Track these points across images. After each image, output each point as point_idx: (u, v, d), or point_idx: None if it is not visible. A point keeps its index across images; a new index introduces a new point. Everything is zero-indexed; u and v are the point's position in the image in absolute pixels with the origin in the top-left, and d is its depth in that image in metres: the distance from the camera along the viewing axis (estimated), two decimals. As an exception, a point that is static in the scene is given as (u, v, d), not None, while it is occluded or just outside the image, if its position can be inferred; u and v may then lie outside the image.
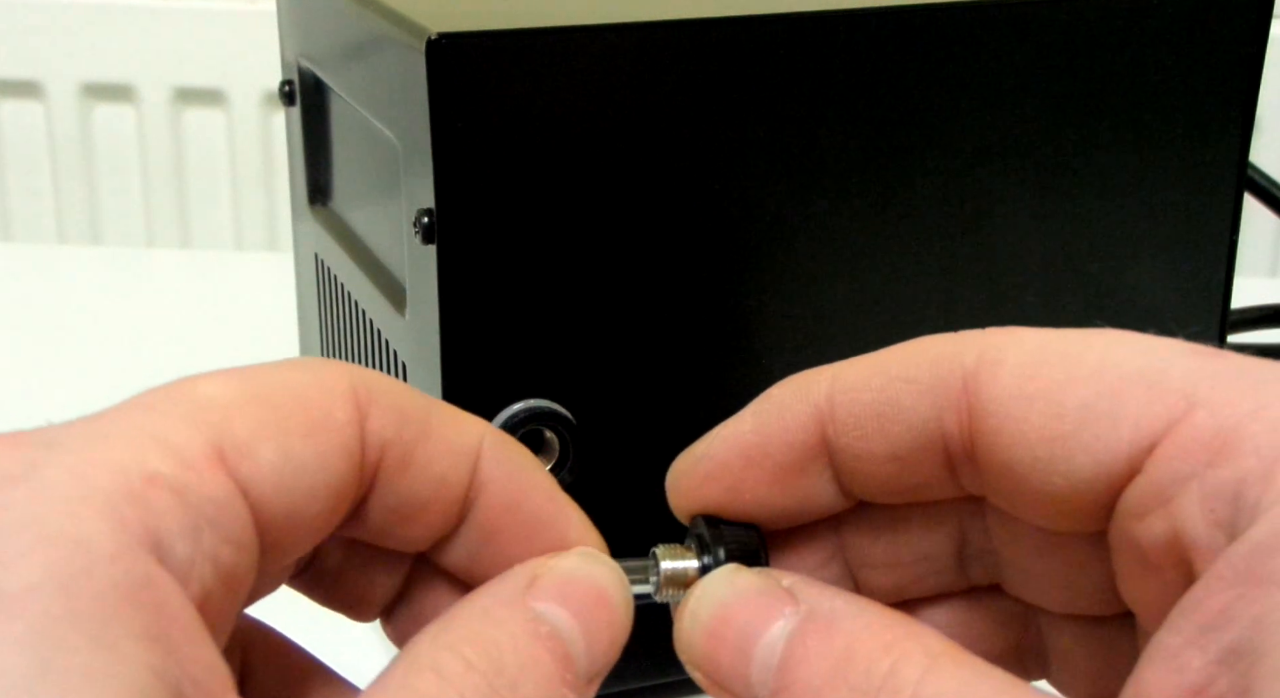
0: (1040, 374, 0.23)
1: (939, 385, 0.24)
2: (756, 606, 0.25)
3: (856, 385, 0.25)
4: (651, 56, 0.37)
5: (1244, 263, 0.46)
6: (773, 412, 0.26)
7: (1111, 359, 0.23)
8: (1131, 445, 0.22)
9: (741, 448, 0.27)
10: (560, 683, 0.24)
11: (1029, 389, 0.23)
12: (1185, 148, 0.43)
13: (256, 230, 1.30)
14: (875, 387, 0.25)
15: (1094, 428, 0.22)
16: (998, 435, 0.23)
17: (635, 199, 0.38)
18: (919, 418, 0.25)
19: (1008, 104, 0.40)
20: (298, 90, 0.50)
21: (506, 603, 0.25)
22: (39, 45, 1.25)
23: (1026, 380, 0.23)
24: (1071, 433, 0.23)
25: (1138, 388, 0.22)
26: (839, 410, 0.25)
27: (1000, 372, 0.24)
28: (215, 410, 0.23)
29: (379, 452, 0.25)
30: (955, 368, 0.24)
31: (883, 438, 0.25)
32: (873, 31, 0.39)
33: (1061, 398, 0.23)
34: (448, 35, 0.35)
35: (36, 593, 0.19)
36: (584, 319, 0.38)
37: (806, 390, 0.26)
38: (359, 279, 0.45)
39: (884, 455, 0.25)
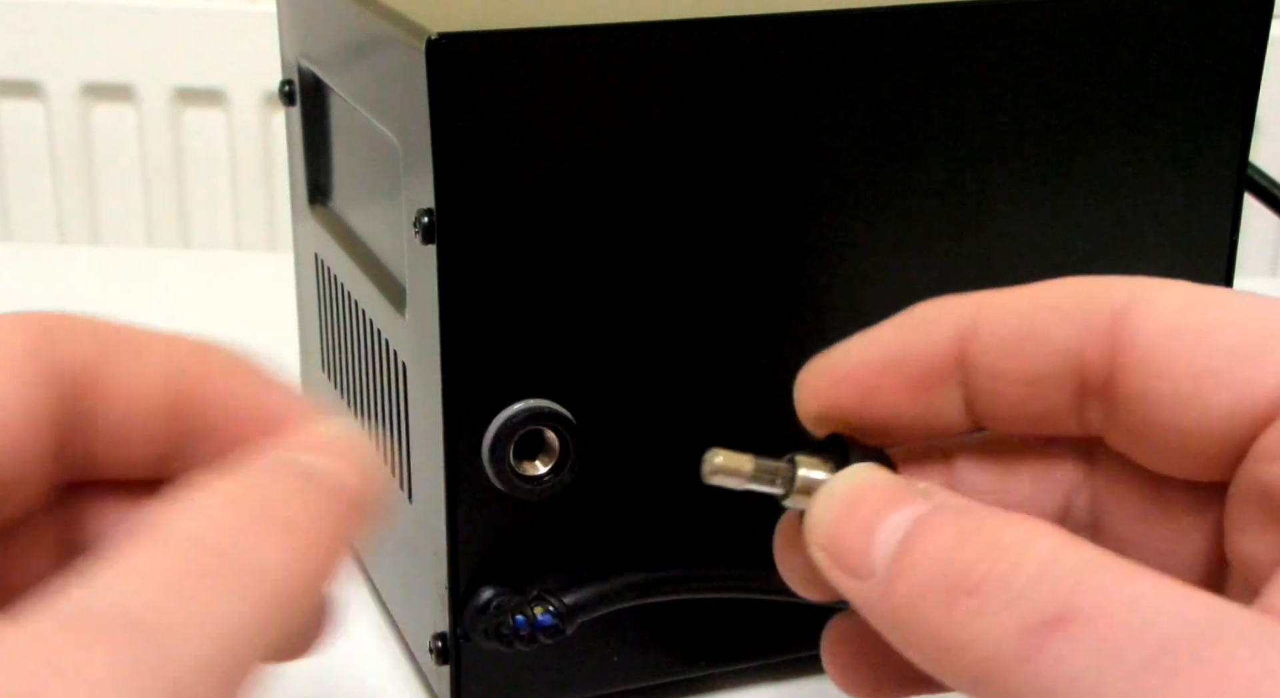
0: (1193, 313, 0.24)
1: (1087, 316, 0.25)
2: (891, 492, 0.25)
3: (1004, 308, 0.27)
4: (652, 56, 0.37)
5: (1244, 263, 0.46)
6: (915, 324, 0.28)
7: (1262, 309, 0.24)
8: (1276, 388, 0.23)
9: (881, 354, 0.28)
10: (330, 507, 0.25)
11: (1180, 326, 0.24)
12: (1185, 148, 0.43)
13: (256, 230, 1.30)
14: (1023, 310, 0.26)
15: (1240, 369, 0.23)
16: (1141, 367, 0.24)
17: (635, 199, 0.38)
18: (1062, 343, 0.26)
19: (1008, 103, 0.40)
20: (298, 90, 0.50)
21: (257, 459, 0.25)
22: (39, 45, 1.25)
23: (1178, 318, 0.24)
24: (1217, 370, 0.24)
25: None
26: (983, 329, 0.26)
27: (1153, 309, 0.25)
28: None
29: (70, 376, 0.26)
30: (1104, 303, 0.25)
31: (1023, 359, 0.26)
32: (873, 31, 0.39)
33: (1211, 338, 0.24)
34: (448, 35, 0.35)
35: None
36: (584, 319, 0.38)
37: (952, 308, 0.27)
38: (359, 279, 0.45)
39: (1020, 377, 0.26)
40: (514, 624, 0.38)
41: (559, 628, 0.38)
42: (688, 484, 0.40)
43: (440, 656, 0.40)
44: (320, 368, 0.52)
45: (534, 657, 0.40)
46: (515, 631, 0.38)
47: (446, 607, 0.39)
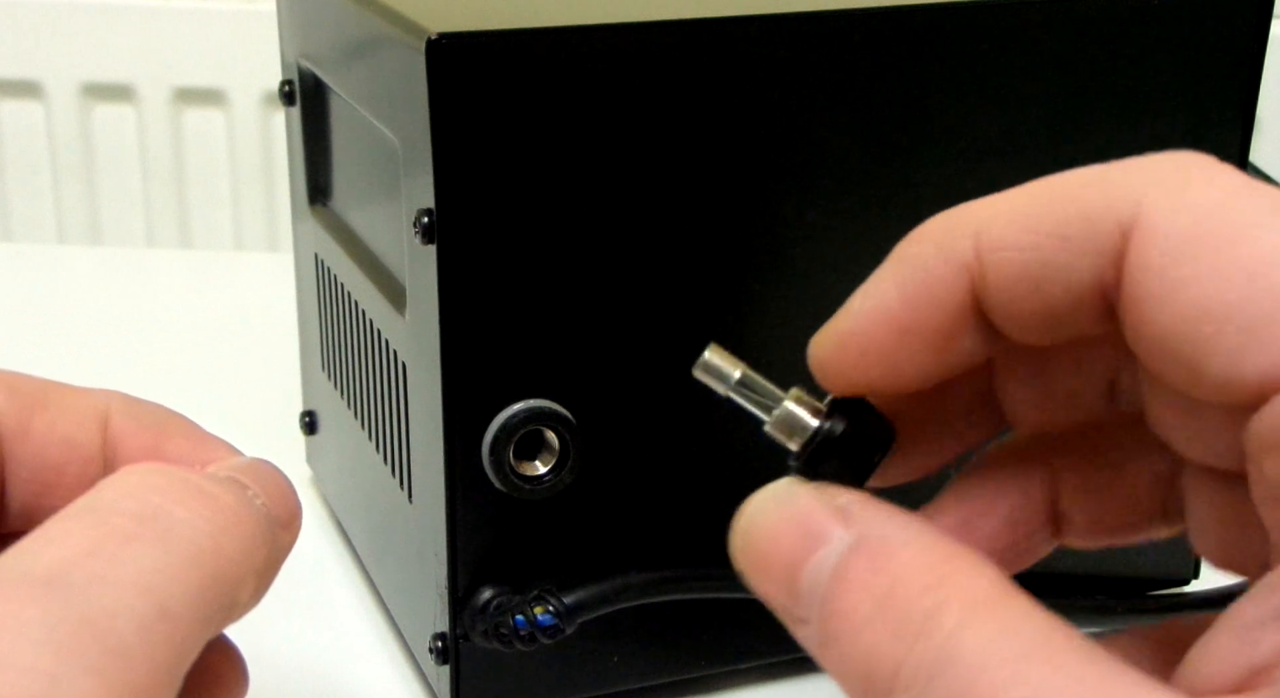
0: (1193, 258, 0.21)
1: (1096, 244, 0.23)
2: (807, 527, 0.24)
3: (1006, 243, 0.24)
4: (652, 56, 0.37)
5: (1244, 263, 0.46)
6: (916, 276, 0.25)
7: (1272, 261, 0.21)
8: (1265, 373, 0.21)
9: (891, 322, 0.25)
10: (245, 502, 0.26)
11: (1177, 274, 0.21)
12: (1185, 148, 0.43)
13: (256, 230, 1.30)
14: (1026, 245, 0.24)
15: (1230, 342, 0.21)
16: (1138, 310, 0.22)
17: (635, 199, 0.38)
18: (1076, 277, 0.23)
19: (1008, 104, 0.40)
20: (298, 90, 0.50)
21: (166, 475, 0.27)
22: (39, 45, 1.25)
23: (1176, 263, 0.21)
24: (1208, 338, 0.21)
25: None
26: (989, 271, 0.24)
27: (1150, 244, 0.22)
28: None
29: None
30: (1112, 225, 0.22)
31: (1038, 297, 0.24)
32: (873, 31, 0.39)
33: (1206, 296, 0.21)
34: (448, 35, 0.35)
35: None
36: (584, 319, 0.38)
37: (950, 249, 0.25)
38: (359, 279, 0.45)
39: (1039, 313, 0.24)
40: (514, 624, 0.38)
41: (559, 628, 0.38)
42: (688, 484, 0.40)
43: (440, 656, 0.40)
44: (320, 368, 0.52)
45: (534, 657, 0.40)
46: (515, 631, 0.38)
47: (446, 607, 0.39)
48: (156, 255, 1.06)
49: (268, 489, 0.28)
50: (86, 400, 0.29)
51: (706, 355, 0.27)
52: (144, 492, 0.25)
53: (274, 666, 0.43)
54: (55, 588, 0.22)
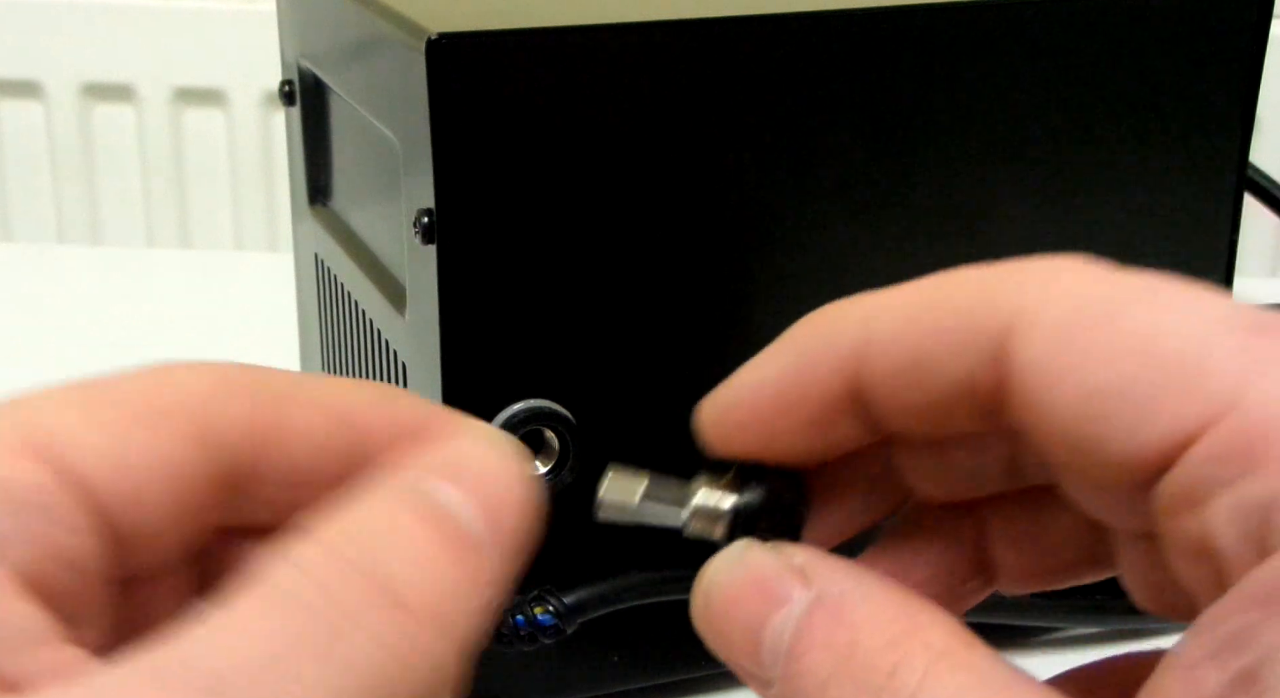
0: (1075, 343, 0.22)
1: (973, 341, 0.23)
2: (766, 589, 0.24)
3: (887, 336, 0.24)
4: (651, 56, 0.37)
5: (1244, 263, 0.46)
6: (801, 359, 0.26)
7: (1154, 332, 0.21)
8: (1165, 441, 0.21)
9: (770, 398, 0.26)
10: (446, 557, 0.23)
11: (1062, 361, 0.22)
12: (1185, 148, 0.43)
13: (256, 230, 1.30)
14: (906, 338, 0.24)
15: (1126, 416, 0.21)
16: (1028, 404, 0.22)
17: (635, 199, 0.38)
18: (952, 373, 0.23)
19: (1008, 104, 0.40)
20: (298, 90, 0.50)
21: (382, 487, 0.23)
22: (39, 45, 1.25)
23: (1060, 350, 0.22)
24: (1103, 417, 0.21)
25: (1177, 375, 0.21)
26: (870, 361, 0.24)
27: (1033, 335, 0.22)
28: (35, 409, 0.23)
29: (244, 430, 0.25)
30: (989, 322, 0.23)
31: (916, 390, 0.24)
32: (873, 31, 0.39)
33: (1095, 376, 0.21)
34: (448, 35, 0.35)
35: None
36: (584, 319, 0.38)
37: (836, 337, 0.25)
38: (359, 279, 0.45)
39: (919, 406, 0.24)
40: (514, 624, 0.38)
41: (559, 628, 0.38)
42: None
43: (440, 656, 0.40)
44: (320, 368, 0.52)
45: (534, 657, 0.40)
46: (515, 631, 0.38)
47: (446, 607, 0.39)
48: (156, 255, 1.06)
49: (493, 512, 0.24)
50: (335, 395, 0.26)
51: (601, 494, 0.27)
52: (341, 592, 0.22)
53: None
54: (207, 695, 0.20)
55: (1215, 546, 0.20)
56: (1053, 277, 0.23)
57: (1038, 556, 0.27)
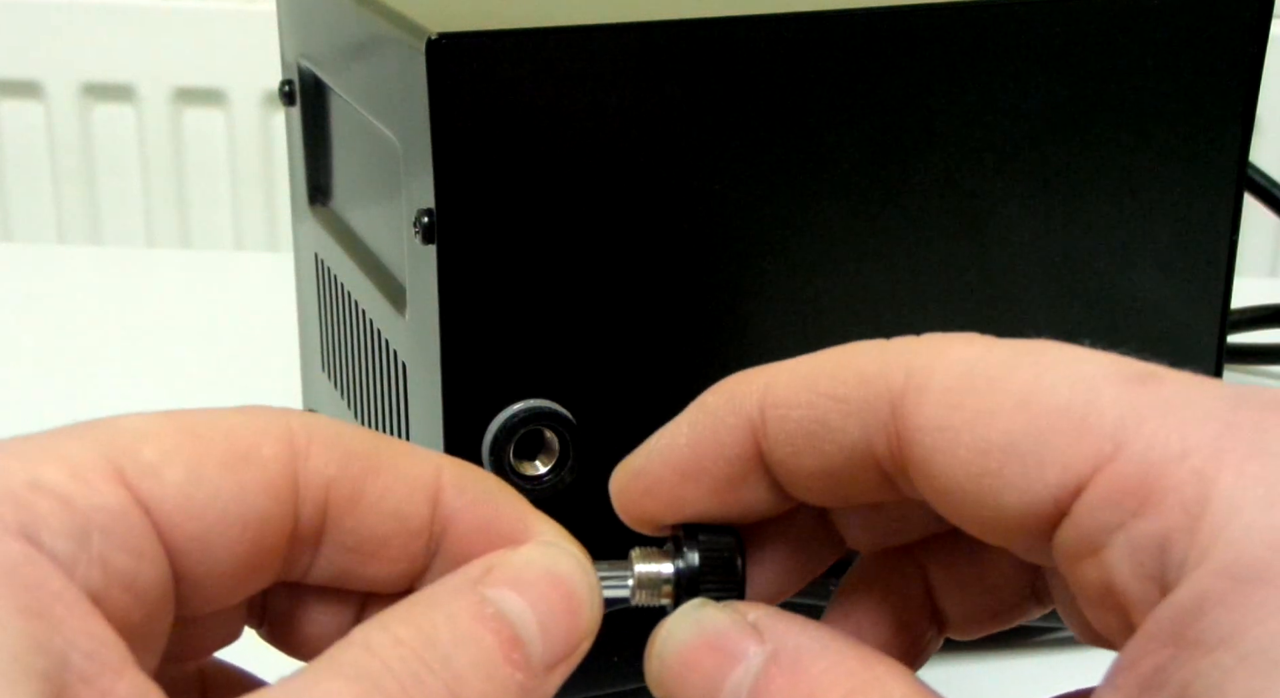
0: (965, 404, 0.22)
1: (867, 407, 0.24)
2: (721, 647, 0.25)
3: (786, 401, 0.25)
4: (651, 56, 0.37)
5: (1244, 263, 0.46)
6: (706, 424, 0.26)
7: (1039, 388, 0.22)
8: (1057, 489, 0.21)
9: (677, 463, 0.26)
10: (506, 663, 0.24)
11: (954, 421, 0.22)
12: (1185, 148, 0.43)
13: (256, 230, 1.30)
14: (804, 403, 0.24)
15: (1018, 468, 0.22)
16: (925, 465, 0.23)
17: (635, 199, 0.38)
18: (849, 439, 0.24)
19: (1008, 104, 0.40)
20: (298, 90, 0.50)
21: (453, 589, 0.24)
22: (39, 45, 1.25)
23: (951, 411, 0.22)
24: (996, 471, 0.22)
25: (1063, 426, 0.21)
26: (770, 426, 0.25)
27: (925, 400, 0.23)
28: (126, 434, 0.23)
29: (323, 490, 0.25)
30: (883, 389, 0.23)
31: (815, 455, 0.24)
32: (873, 31, 0.39)
33: (986, 433, 0.22)
34: (448, 35, 0.35)
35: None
36: (584, 319, 0.38)
37: (739, 402, 0.26)
38: (359, 279, 0.45)
39: (818, 471, 0.25)
40: None
41: (559, 628, 0.38)
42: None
43: (440, 656, 0.40)
44: (320, 368, 0.52)
45: (534, 657, 0.40)
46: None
47: (446, 607, 0.39)
48: (156, 255, 1.06)
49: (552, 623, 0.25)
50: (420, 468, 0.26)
51: None
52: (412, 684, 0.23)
53: (274, 666, 0.43)
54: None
55: (1118, 588, 0.21)
56: (943, 346, 0.24)
57: (980, 597, 0.28)
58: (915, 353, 0.24)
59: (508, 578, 0.25)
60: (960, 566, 0.28)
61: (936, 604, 0.28)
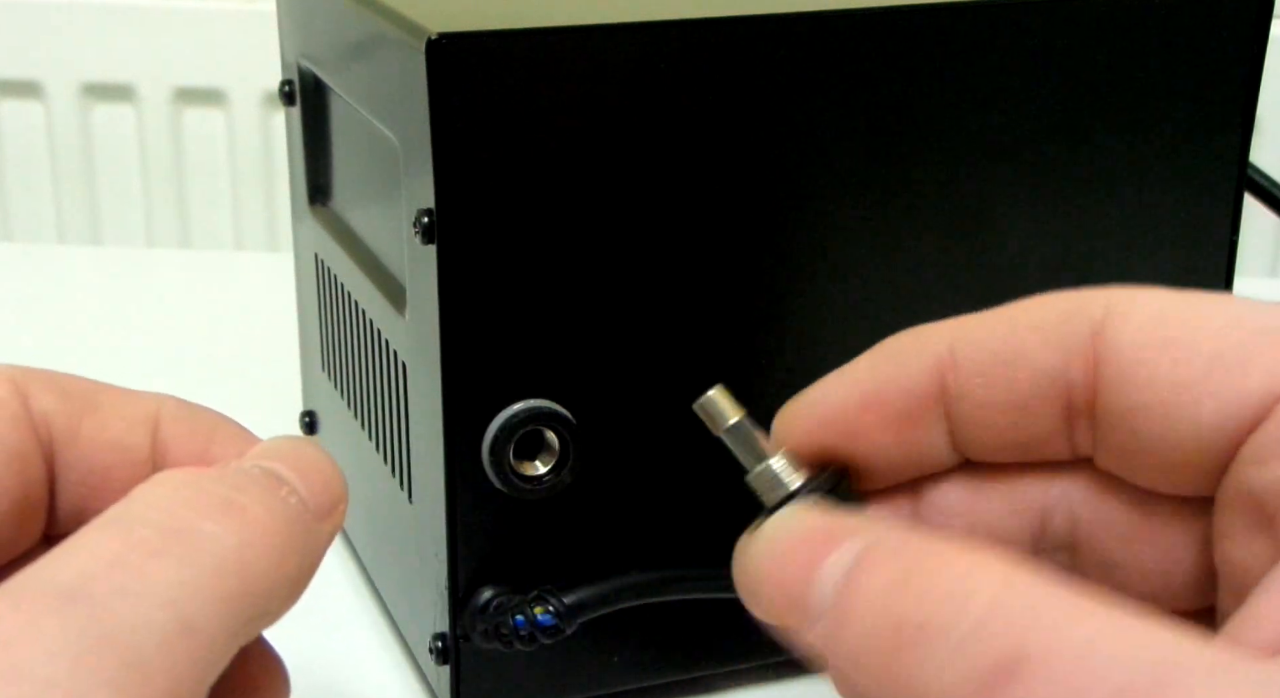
0: (1171, 324, 0.24)
1: (1066, 334, 0.25)
2: (828, 529, 0.24)
3: (981, 334, 0.26)
4: (652, 56, 0.37)
5: (1244, 263, 0.46)
6: (892, 359, 0.27)
7: (1241, 315, 0.23)
8: (1261, 392, 0.22)
9: (859, 392, 0.27)
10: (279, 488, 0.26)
11: (1160, 337, 0.24)
12: (1185, 148, 0.43)
13: (256, 230, 1.30)
14: (1001, 335, 0.25)
15: (1224, 375, 0.23)
16: (1125, 381, 0.24)
17: (635, 199, 0.38)
18: (1045, 365, 0.25)
19: (1008, 104, 0.40)
20: (298, 90, 0.50)
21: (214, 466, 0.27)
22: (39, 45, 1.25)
23: (1158, 329, 0.24)
24: (1200, 379, 0.23)
25: (1268, 340, 0.23)
26: (962, 357, 0.26)
27: (1130, 321, 0.24)
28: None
29: (46, 426, 0.27)
30: (1083, 319, 0.25)
31: (1006, 385, 0.25)
32: (873, 31, 0.39)
33: (1193, 346, 0.23)
34: (448, 35, 0.35)
35: None
36: (584, 319, 0.38)
37: (927, 339, 0.26)
38: (359, 279, 0.45)
39: (1006, 403, 0.25)
40: (514, 624, 0.38)
41: (559, 628, 0.38)
42: (688, 484, 0.40)
43: (440, 656, 0.40)
44: (320, 368, 0.52)
45: (534, 657, 0.40)
46: (515, 631, 0.38)
47: (446, 607, 0.39)
48: (156, 255, 1.06)
49: (308, 476, 0.27)
50: (137, 403, 0.29)
51: (710, 394, 0.28)
52: (171, 504, 0.25)
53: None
54: (76, 601, 0.22)
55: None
56: (1136, 289, 0.25)
57: None
58: (1111, 292, 0.25)
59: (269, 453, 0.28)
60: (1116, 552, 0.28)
61: None
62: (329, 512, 0.27)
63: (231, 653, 0.24)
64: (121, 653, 0.22)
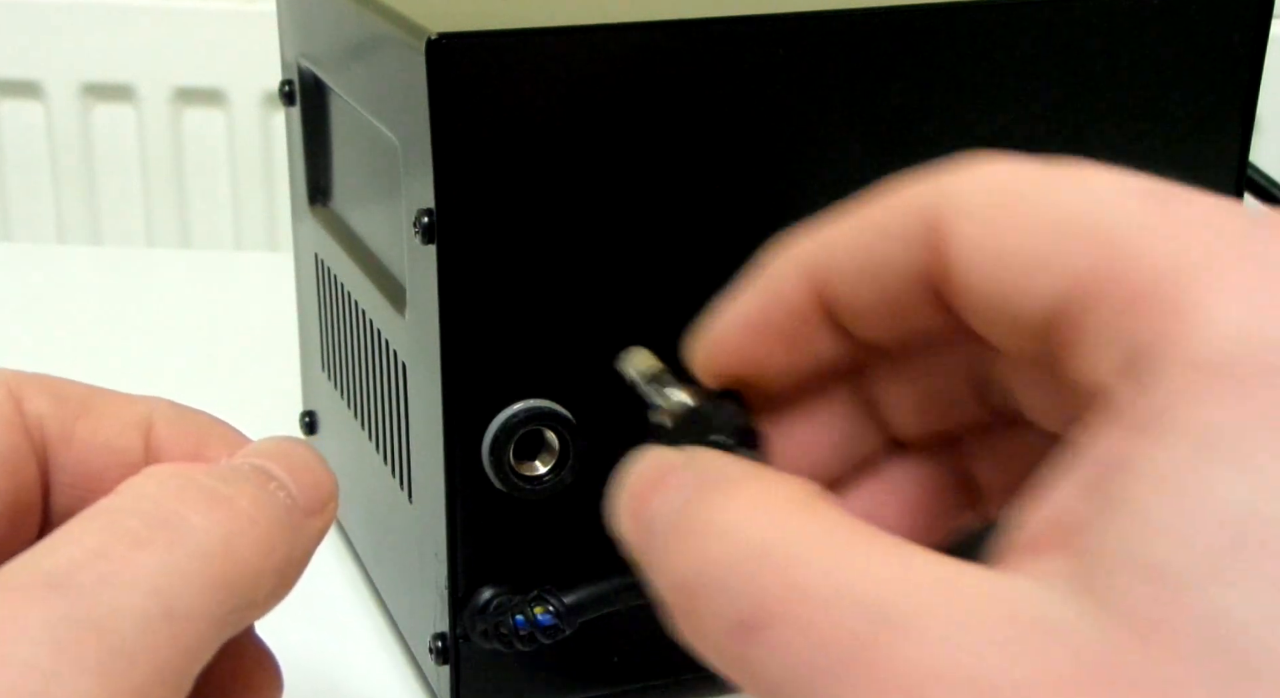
0: (992, 218, 0.24)
1: (913, 234, 0.25)
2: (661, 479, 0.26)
3: (838, 242, 0.27)
4: (652, 56, 0.37)
5: (1244, 263, 0.46)
6: (768, 281, 0.28)
7: (1059, 202, 0.23)
8: (1055, 292, 0.23)
9: (746, 319, 0.28)
10: (269, 483, 0.27)
11: (980, 234, 0.24)
12: (1185, 148, 0.43)
13: (256, 230, 1.30)
14: (854, 242, 0.26)
15: (1031, 272, 0.23)
16: (959, 279, 0.24)
17: (635, 199, 0.38)
18: (901, 266, 0.25)
19: (1008, 104, 0.40)
20: (298, 90, 0.50)
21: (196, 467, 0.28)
22: (39, 45, 1.25)
23: (979, 226, 0.24)
24: (1013, 278, 0.23)
25: (1074, 235, 0.23)
26: (830, 271, 0.27)
27: (958, 218, 0.25)
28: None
29: (39, 429, 0.28)
30: (925, 215, 0.25)
31: (874, 289, 0.26)
32: (873, 31, 0.39)
33: (1007, 242, 0.24)
34: (448, 35, 0.35)
35: None
36: (584, 320, 0.38)
37: (795, 255, 0.27)
38: (359, 279, 0.45)
39: (879, 304, 0.26)
40: (514, 624, 0.38)
41: (559, 628, 0.38)
42: (688, 484, 0.40)
43: (440, 656, 0.40)
44: (320, 368, 0.52)
45: (534, 657, 0.40)
46: (515, 631, 0.38)
47: (446, 607, 0.39)
48: (156, 255, 1.06)
49: (297, 474, 0.28)
50: (130, 407, 0.29)
51: (626, 352, 0.30)
52: (159, 495, 0.25)
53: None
54: (61, 588, 0.23)
55: (1101, 386, 0.22)
56: (975, 169, 0.25)
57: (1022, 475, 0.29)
58: (951, 177, 0.25)
59: (258, 452, 0.28)
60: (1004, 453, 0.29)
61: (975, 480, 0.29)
62: (318, 509, 0.28)
63: (218, 642, 0.25)
64: (105, 639, 0.22)
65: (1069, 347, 0.23)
